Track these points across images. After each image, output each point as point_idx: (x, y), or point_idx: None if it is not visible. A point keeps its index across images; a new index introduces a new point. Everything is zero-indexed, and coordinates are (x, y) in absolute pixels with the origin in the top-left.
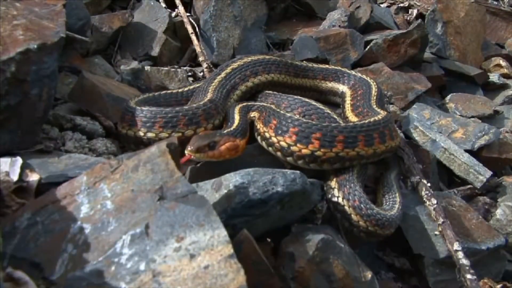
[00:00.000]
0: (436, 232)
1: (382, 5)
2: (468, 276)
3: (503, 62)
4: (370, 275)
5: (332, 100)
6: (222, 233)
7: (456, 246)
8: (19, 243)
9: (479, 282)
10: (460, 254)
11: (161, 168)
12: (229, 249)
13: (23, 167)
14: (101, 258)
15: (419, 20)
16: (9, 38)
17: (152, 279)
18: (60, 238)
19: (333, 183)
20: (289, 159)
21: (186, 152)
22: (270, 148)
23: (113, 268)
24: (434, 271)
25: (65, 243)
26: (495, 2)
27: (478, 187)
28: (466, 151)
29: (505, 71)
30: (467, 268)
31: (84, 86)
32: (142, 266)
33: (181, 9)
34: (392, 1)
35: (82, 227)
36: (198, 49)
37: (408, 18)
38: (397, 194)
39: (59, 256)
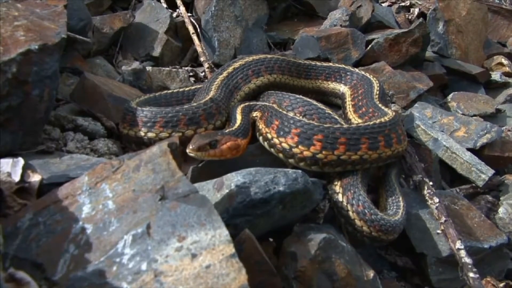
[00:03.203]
0: (439, 231)
1: (383, 4)
2: (471, 274)
3: (505, 61)
4: (372, 274)
5: (334, 102)
6: (224, 232)
7: (459, 244)
8: (21, 243)
9: (482, 281)
10: (463, 253)
11: (162, 168)
12: (230, 249)
13: (25, 168)
14: (102, 258)
15: (421, 19)
16: (10, 39)
17: (153, 279)
18: (62, 239)
19: (337, 188)
20: (291, 161)
21: (187, 150)
22: (272, 149)
23: (114, 268)
24: (436, 270)
25: (67, 243)
26: (496, 1)
27: (481, 186)
28: (468, 149)
29: (507, 69)
30: (470, 266)
31: (85, 87)
32: (143, 266)
33: (182, 9)
34: (393, 0)
35: (83, 227)
36: (199, 49)
37: (410, 17)
38: (400, 198)
39: (61, 256)
